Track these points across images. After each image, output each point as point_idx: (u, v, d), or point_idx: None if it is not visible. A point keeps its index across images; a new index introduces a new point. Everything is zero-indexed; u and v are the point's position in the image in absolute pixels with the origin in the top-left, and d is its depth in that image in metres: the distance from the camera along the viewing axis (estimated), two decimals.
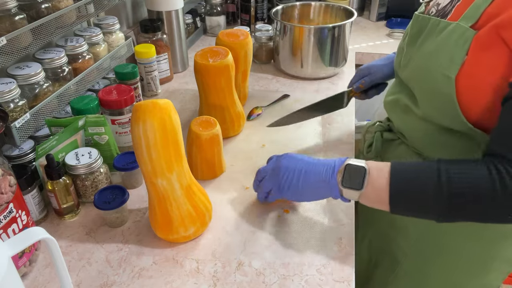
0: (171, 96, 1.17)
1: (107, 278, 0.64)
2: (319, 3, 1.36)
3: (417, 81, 0.70)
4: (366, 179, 0.59)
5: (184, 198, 0.66)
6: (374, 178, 0.59)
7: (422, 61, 0.67)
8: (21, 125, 0.71)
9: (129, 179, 0.82)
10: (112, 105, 0.85)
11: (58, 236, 0.72)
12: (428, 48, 0.67)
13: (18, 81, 0.73)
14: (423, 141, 0.74)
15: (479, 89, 0.60)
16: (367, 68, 0.96)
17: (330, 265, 0.66)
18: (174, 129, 0.61)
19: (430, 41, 0.67)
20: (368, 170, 0.59)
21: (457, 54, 0.60)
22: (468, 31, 0.59)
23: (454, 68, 0.60)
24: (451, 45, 0.61)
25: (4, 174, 0.59)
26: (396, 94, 0.79)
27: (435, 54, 0.64)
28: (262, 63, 1.36)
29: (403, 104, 0.75)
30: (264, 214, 0.76)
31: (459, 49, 0.60)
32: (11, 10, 0.69)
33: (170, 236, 0.68)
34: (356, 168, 0.60)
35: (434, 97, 0.66)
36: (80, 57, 0.89)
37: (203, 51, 0.92)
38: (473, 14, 0.60)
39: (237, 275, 0.65)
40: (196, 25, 1.53)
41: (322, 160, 0.66)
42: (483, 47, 0.58)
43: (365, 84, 0.96)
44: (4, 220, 0.58)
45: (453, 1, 0.66)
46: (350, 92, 0.98)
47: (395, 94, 0.79)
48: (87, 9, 0.89)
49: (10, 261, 0.45)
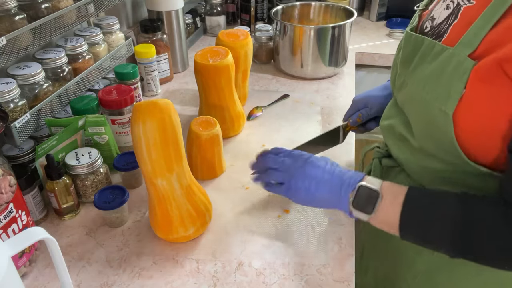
0: (171, 96, 1.17)
1: (107, 278, 0.64)
2: (319, 3, 1.36)
3: (411, 110, 0.64)
4: (378, 205, 0.57)
5: (184, 198, 0.66)
6: (387, 204, 0.57)
7: (417, 89, 0.61)
8: (21, 125, 0.71)
9: (129, 179, 0.82)
10: (112, 105, 0.85)
11: (58, 236, 0.72)
12: (422, 74, 0.60)
13: (18, 81, 0.73)
14: (421, 174, 0.67)
15: (481, 128, 0.54)
16: (364, 100, 0.88)
17: (330, 265, 0.66)
18: (174, 129, 0.61)
19: (424, 66, 0.60)
20: (381, 195, 0.57)
21: (455, 87, 0.53)
22: (466, 61, 0.52)
23: (452, 103, 0.54)
24: (447, 76, 0.55)
25: (4, 174, 0.59)
26: (392, 118, 0.73)
27: (430, 84, 0.58)
28: (262, 63, 1.36)
29: (398, 132, 0.70)
30: (264, 214, 0.76)
31: (457, 82, 0.53)
32: (11, 10, 0.69)
33: (170, 236, 0.68)
34: (369, 192, 0.58)
35: (431, 130, 0.60)
36: (80, 57, 0.89)
37: (203, 51, 0.92)
38: (471, 40, 0.53)
39: (237, 275, 0.65)
40: (196, 25, 1.53)
41: (339, 171, 0.63)
42: (484, 80, 0.51)
43: (363, 117, 0.88)
44: (4, 220, 0.58)
45: (449, 18, 0.59)
46: (346, 126, 0.90)
47: (391, 118, 0.73)
48: (87, 9, 0.89)
49: (10, 261, 0.45)
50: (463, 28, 0.55)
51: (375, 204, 0.57)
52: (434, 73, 0.57)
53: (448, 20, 0.59)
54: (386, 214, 0.57)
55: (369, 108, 0.87)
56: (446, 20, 0.59)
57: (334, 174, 0.63)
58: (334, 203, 0.62)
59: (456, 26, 0.57)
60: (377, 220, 0.58)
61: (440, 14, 0.61)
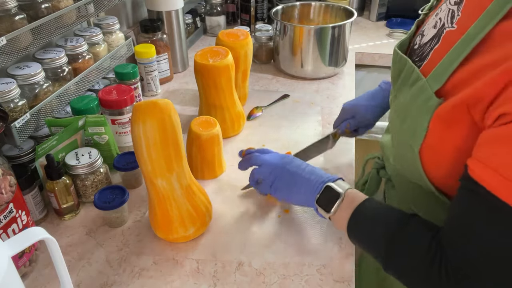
0: (171, 96, 1.17)
1: (107, 278, 0.64)
2: (319, 3, 1.36)
3: (392, 131, 0.64)
4: (337, 206, 0.60)
5: (184, 198, 0.66)
6: (343, 207, 0.60)
7: (396, 117, 0.61)
8: (21, 125, 0.71)
9: (129, 179, 0.82)
10: (112, 105, 0.85)
11: (58, 236, 0.72)
12: (400, 102, 0.60)
13: (18, 81, 0.73)
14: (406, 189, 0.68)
15: (441, 164, 0.54)
16: (351, 110, 0.89)
17: (330, 265, 0.66)
18: (174, 129, 0.61)
19: (404, 92, 0.59)
20: (342, 198, 0.60)
21: (420, 125, 0.53)
22: (432, 99, 0.51)
23: (418, 141, 0.54)
24: (415, 111, 0.54)
25: (4, 174, 0.59)
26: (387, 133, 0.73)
27: (403, 115, 0.58)
28: (262, 63, 1.36)
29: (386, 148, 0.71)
30: (264, 214, 0.76)
31: (422, 120, 0.53)
32: (11, 10, 0.69)
33: (170, 236, 0.68)
34: (332, 193, 0.62)
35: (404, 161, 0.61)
36: (80, 57, 0.89)
37: (203, 51, 0.92)
38: (440, 75, 0.51)
39: (237, 275, 0.65)
40: (196, 25, 1.53)
41: (318, 173, 0.66)
42: (445, 122, 0.51)
43: (350, 127, 0.90)
44: (4, 220, 0.58)
45: (433, 41, 0.56)
46: (334, 134, 0.91)
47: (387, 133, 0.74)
48: (87, 9, 0.89)
49: (10, 261, 0.45)
50: (441, 56, 0.52)
51: (335, 204, 0.61)
52: (408, 104, 0.57)
53: (432, 43, 0.56)
54: (340, 216, 0.60)
55: (356, 119, 0.89)
56: (430, 42, 0.57)
57: (312, 173, 0.66)
58: (308, 201, 0.65)
59: (436, 51, 0.55)
60: (334, 220, 0.62)
61: (428, 32, 0.59)
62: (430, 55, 0.56)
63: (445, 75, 0.50)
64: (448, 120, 0.50)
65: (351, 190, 0.62)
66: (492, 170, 0.43)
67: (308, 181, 0.65)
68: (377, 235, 0.56)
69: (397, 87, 0.62)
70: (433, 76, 0.52)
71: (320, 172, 0.67)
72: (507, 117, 0.42)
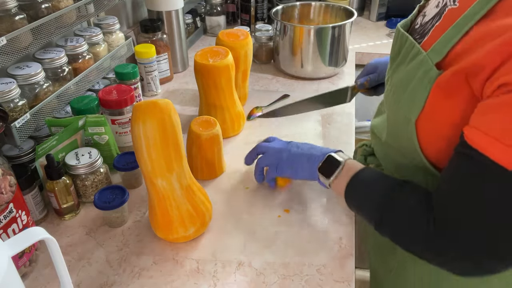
0: (171, 96, 1.17)
1: (107, 278, 0.64)
2: (319, 3, 1.36)
3: (387, 108, 0.66)
4: (337, 172, 0.66)
5: (184, 198, 0.66)
6: (342, 174, 0.65)
7: (391, 92, 0.62)
8: (21, 125, 0.71)
9: (129, 179, 0.82)
10: (112, 105, 0.85)
11: (58, 236, 0.72)
12: (398, 77, 0.61)
13: (18, 81, 0.73)
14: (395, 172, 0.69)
15: (439, 134, 0.56)
16: (375, 65, 0.91)
17: (330, 265, 0.66)
18: (174, 129, 0.61)
19: (402, 68, 0.60)
20: (342, 166, 0.66)
21: (419, 96, 0.54)
22: (432, 70, 0.52)
23: (415, 112, 0.55)
24: (414, 83, 0.55)
25: (4, 174, 0.59)
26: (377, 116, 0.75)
27: (400, 89, 0.59)
28: (262, 63, 1.36)
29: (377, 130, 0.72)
30: (264, 214, 0.76)
31: (422, 91, 0.54)
32: (11, 10, 0.69)
33: (170, 236, 0.68)
34: (333, 161, 0.67)
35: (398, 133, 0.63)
36: (80, 57, 0.89)
37: (203, 51, 0.92)
38: (441, 48, 0.52)
39: (237, 275, 0.65)
40: (196, 25, 1.53)
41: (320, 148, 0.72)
42: (445, 92, 0.52)
43: (370, 82, 0.90)
44: (4, 220, 0.58)
45: (434, 18, 0.58)
46: (354, 88, 0.92)
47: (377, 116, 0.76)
48: (87, 9, 0.89)
49: (10, 261, 0.45)
50: (441, 32, 0.54)
51: (335, 172, 0.66)
52: (405, 78, 0.58)
53: (433, 20, 0.58)
54: (339, 183, 0.65)
55: (378, 74, 0.90)
56: (432, 20, 0.58)
57: (314, 149, 0.72)
58: (311, 173, 0.70)
59: (437, 28, 0.56)
60: (333, 186, 0.67)
61: (430, 11, 0.60)
62: (431, 32, 0.57)
63: (446, 48, 0.51)
64: (447, 90, 0.51)
65: (350, 160, 0.67)
66: (492, 138, 0.45)
67: (310, 156, 0.71)
68: (372, 198, 0.60)
69: (395, 64, 0.63)
70: (434, 50, 0.53)
71: (321, 147, 0.73)
72: (508, 86, 0.43)
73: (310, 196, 0.80)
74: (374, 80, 0.90)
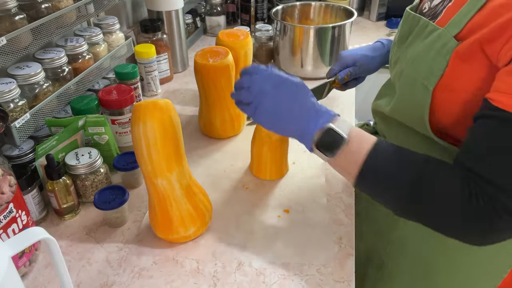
0: (171, 96, 1.17)
1: (107, 278, 0.64)
2: (319, 3, 1.36)
3: (399, 85, 0.68)
4: (341, 150, 0.56)
5: (184, 198, 0.66)
6: (351, 150, 0.56)
7: (406, 65, 0.65)
8: (21, 125, 0.71)
9: (129, 179, 0.82)
10: (112, 105, 0.85)
11: (58, 236, 0.72)
12: (413, 52, 0.64)
13: (18, 81, 0.73)
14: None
15: (454, 102, 0.59)
16: (353, 58, 0.90)
17: (330, 265, 0.66)
18: (174, 129, 0.61)
19: (416, 44, 0.64)
20: (347, 141, 0.56)
21: (437, 65, 0.58)
22: (451, 41, 0.57)
23: (433, 80, 0.59)
24: (433, 54, 0.59)
25: (4, 174, 0.59)
26: (382, 98, 0.76)
27: (417, 60, 0.62)
28: (262, 63, 1.35)
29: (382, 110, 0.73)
30: (264, 214, 0.76)
31: (440, 60, 0.58)
32: (11, 10, 0.69)
33: (170, 236, 0.68)
34: (336, 137, 0.56)
35: (409, 102, 0.65)
36: (80, 57, 0.89)
37: (203, 51, 0.92)
38: (458, 22, 0.57)
39: (237, 275, 0.65)
40: (196, 25, 1.53)
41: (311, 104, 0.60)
42: (463, 60, 0.56)
43: (351, 76, 0.88)
44: (4, 220, 0.58)
45: (445, 1, 0.63)
46: (333, 82, 0.90)
47: (381, 98, 0.76)
48: (87, 9, 0.89)
49: (10, 261, 0.45)
50: (455, 11, 0.58)
51: (339, 149, 0.56)
52: (422, 51, 0.61)
53: (444, 3, 0.63)
54: (347, 160, 0.56)
55: (358, 67, 0.89)
56: (442, 3, 0.63)
57: (305, 106, 0.59)
58: (298, 134, 0.60)
59: (449, 8, 0.61)
60: (335, 163, 0.58)
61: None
62: (443, 12, 0.61)
63: (463, 22, 0.56)
64: (465, 59, 0.55)
65: (353, 130, 0.57)
66: None
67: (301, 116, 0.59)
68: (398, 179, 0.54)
69: (406, 45, 0.67)
70: (450, 25, 0.58)
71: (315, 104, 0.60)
72: None
73: (310, 196, 0.80)
74: (353, 73, 0.89)
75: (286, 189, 0.82)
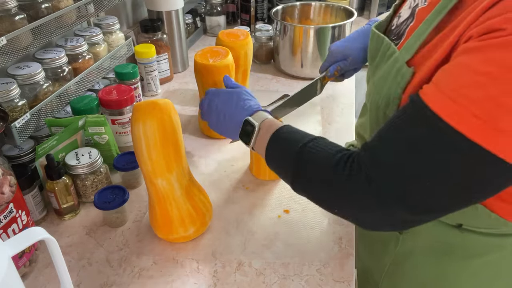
0: (171, 96, 1.17)
1: (107, 278, 0.64)
2: (319, 3, 1.36)
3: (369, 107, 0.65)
4: (255, 137, 0.63)
5: (184, 198, 0.66)
6: (261, 137, 0.63)
7: (372, 88, 0.62)
8: (21, 125, 0.71)
9: (129, 179, 0.82)
10: (112, 105, 0.85)
11: (58, 236, 0.72)
12: (378, 75, 0.60)
13: (18, 81, 0.73)
14: None
15: None
16: (342, 52, 0.89)
17: (330, 265, 0.66)
18: (174, 129, 0.61)
19: (381, 67, 0.60)
20: (258, 129, 0.63)
21: (394, 93, 0.54)
22: (404, 67, 0.52)
23: (391, 108, 0.55)
24: (390, 80, 0.55)
25: (4, 174, 0.59)
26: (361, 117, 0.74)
27: (379, 86, 0.59)
28: (262, 63, 1.36)
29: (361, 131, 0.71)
30: (264, 214, 0.76)
31: (396, 87, 0.54)
32: (11, 10, 0.69)
33: (170, 236, 0.68)
34: (248, 126, 0.65)
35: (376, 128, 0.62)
36: (80, 57, 0.89)
37: (203, 51, 0.92)
38: (411, 47, 0.52)
39: (237, 275, 0.65)
40: (196, 25, 1.53)
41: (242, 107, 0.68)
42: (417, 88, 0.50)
43: (341, 70, 0.89)
44: (4, 220, 0.58)
45: (408, 19, 0.58)
46: (323, 78, 0.91)
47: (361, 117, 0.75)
48: (87, 9, 0.89)
49: (10, 261, 0.45)
50: (412, 31, 0.54)
51: (252, 137, 0.64)
52: (382, 76, 0.58)
53: (407, 21, 0.59)
54: (259, 145, 0.63)
55: (347, 61, 0.88)
56: (406, 21, 0.59)
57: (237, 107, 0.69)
58: (234, 136, 0.69)
59: (411, 28, 0.56)
60: (256, 150, 0.65)
61: (404, 12, 0.61)
62: (406, 32, 0.57)
63: (415, 46, 0.52)
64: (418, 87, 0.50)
65: (267, 120, 0.64)
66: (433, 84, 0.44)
67: (231, 117, 0.68)
68: (289, 152, 0.57)
69: (375, 65, 0.63)
70: (404, 49, 0.54)
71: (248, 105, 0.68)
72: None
73: None
74: (345, 68, 0.89)
75: (286, 189, 0.82)
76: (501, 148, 0.40)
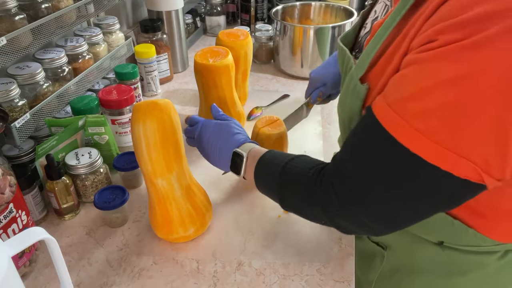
0: (171, 96, 1.17)
1: (107, 278, 0.64)
2: (319, 3, 1.36)
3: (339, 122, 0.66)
4: (243, 167, 0.63)
5: (184, 198, 0.66)
6: (249, 165, 0.63)
7: (338, 104, 0.62)
8: (21, 125, 0.71)
9: (129, 179, 0.82)
10: (112, 105, 0.85)
11: (58, 236, 0.72)
12: (342, 90, 0.60)
13: (18, 81, 0.73)
14: None
15: None
16: (319, 79, 0.92)
17: (330, 265, 0.66)
18: (174, 129, 0.61)
19: (344, 82, 0.59)
20: (245, 158, 0.63)
21: (355, 108, 0.54)
22: (358, 84, 0.52)
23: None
24: (349, 96, 0.55)
25: (4, 174, 0.59)
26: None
27: (343, 100, 0.59)
28: (262, 63, 1.36)
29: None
30: (264, 214, 0.76)
31: (354, 104, 0.54)
32: (11, 10, 0.69)
33: (170, 236, 0.68)
34: (237, 157, 0.65)
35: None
36: (80, 57, 0.89)
37: (203, 51, 0.92)
38: (362, 63, 0.52)
39: (237, 275, 0.65)
40: (196, 25, 1.53)
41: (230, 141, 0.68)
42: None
43: (323, 95, 0.93)
44: (4, 220, 0.58)
45: (368, 32, 0.57)
46: (308, 104, 0.95)
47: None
48: (87, 9, 0.89)
49: (10, 261, 0.45)
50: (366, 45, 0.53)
51: (241, 166, 0.64)
52: (345, 92, 0.58)
53: (367, 35, 0.59)
54: (249, 173, 0.63)
55: (328, 86, 0.92)
56: (366, 34, 0.59)
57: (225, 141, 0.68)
58: (226, 168, 0.68)
59: (367, 42, 0.56)
60: (247, 179, 0.65)
61: (369, 24, 0.61)
62: (364, 46, 0.56)
63: (366, 63, 0.51)
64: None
65: (254, 149, 0.64)
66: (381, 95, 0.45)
67: (221, 151, 0.68)
68: (271, 178, 0.59)
69: (343, 77, 0.63)
70: (358, 65, 0.53)
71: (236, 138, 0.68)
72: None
73: None
74: (326, 92, 0.93)
75: None
76: (439, 159, 0.40)
